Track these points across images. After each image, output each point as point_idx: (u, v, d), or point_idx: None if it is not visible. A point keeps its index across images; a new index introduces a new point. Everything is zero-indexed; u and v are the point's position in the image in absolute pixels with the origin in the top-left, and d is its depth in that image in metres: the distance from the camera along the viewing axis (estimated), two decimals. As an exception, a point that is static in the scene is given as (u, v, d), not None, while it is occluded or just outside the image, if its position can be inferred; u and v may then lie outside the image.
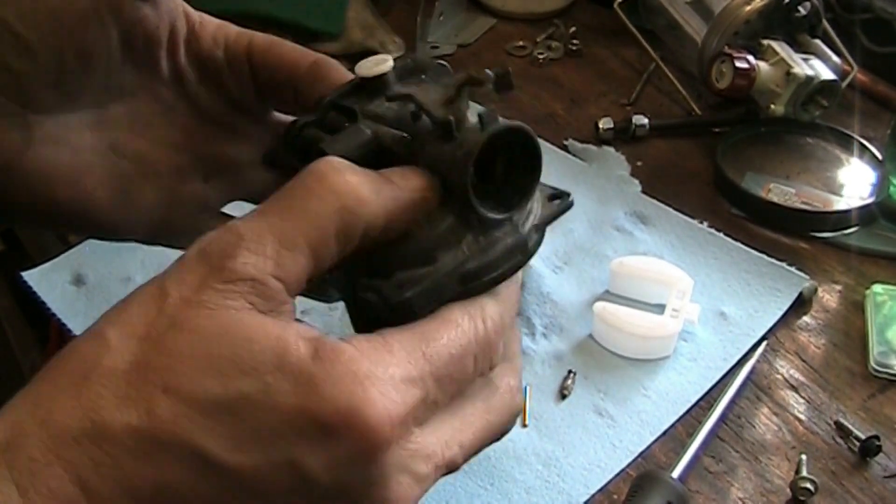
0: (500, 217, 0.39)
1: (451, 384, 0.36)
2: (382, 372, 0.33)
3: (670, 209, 0.83)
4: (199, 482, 0.31)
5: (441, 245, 0.38)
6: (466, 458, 0.38)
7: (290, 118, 0.46)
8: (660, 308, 0.72)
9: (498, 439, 0.41)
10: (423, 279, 0.37)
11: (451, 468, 0.37)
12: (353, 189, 0.35)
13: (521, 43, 1.07)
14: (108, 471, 0.30)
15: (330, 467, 0.32)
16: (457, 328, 0.37)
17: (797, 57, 0.88)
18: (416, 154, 0.39)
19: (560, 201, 0.43)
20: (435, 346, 0.36)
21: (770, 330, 0.73)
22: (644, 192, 0.85)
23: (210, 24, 0.47)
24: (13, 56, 0.41)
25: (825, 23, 0.93)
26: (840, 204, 0.84)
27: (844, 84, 0.90)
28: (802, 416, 0.67)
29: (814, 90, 0.87)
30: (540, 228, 0.41)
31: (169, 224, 0.49)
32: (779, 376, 0.70)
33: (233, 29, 0.48)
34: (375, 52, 0.66)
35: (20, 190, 0.43)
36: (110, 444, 0.30)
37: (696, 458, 0.63)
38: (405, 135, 0.39)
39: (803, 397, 0.68)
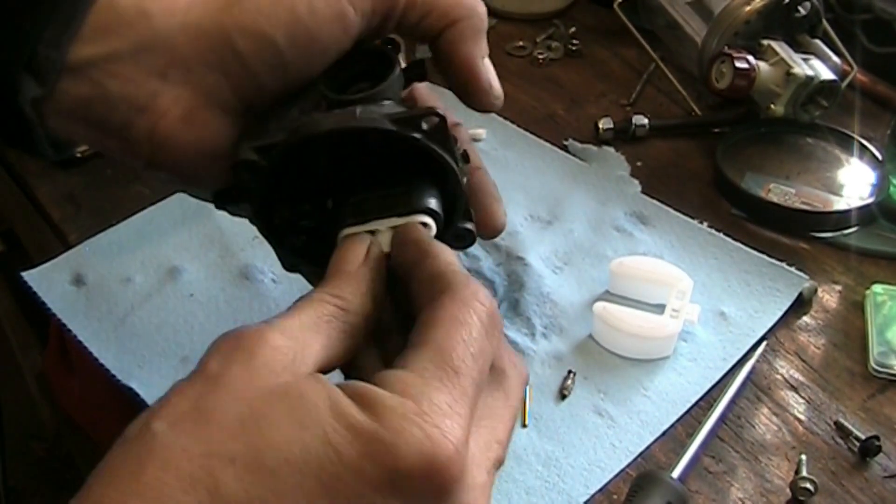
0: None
1: (481, 380, 0.36)
2: (428, 406, 0.33)
3: (670, 209, 0.83)
4: None
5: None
6: (506, 451, 0.39)
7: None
8: (660, 308, 0.72)
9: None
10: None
11: (498, 466, 0.38)
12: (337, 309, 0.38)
13: (520, 43, 1.07)
14: None
15: None
16: (463, 325, 0.37)
17: (797, 57, 0.88)
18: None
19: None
20: (457, 355, 0.36)
21: (770, 330, 0.73)
22: (644, 192, 0.85)
23: None
24: (270, 76, 0.44)
25: (825, 23, 0.93)
26: (840, 204, 0.84)
27: (844, 84, 0.90)
28: (802, 417, 0.67)
29: (814, 90, 0.87)
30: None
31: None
32: (779, 376, 0.70)
33: None
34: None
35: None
36: None
37: (695, 458, 0.63)
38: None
39: (803, 397, 0.68)
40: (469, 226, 0.46)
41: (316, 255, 0.45)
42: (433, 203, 0.43)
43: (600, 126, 0.92)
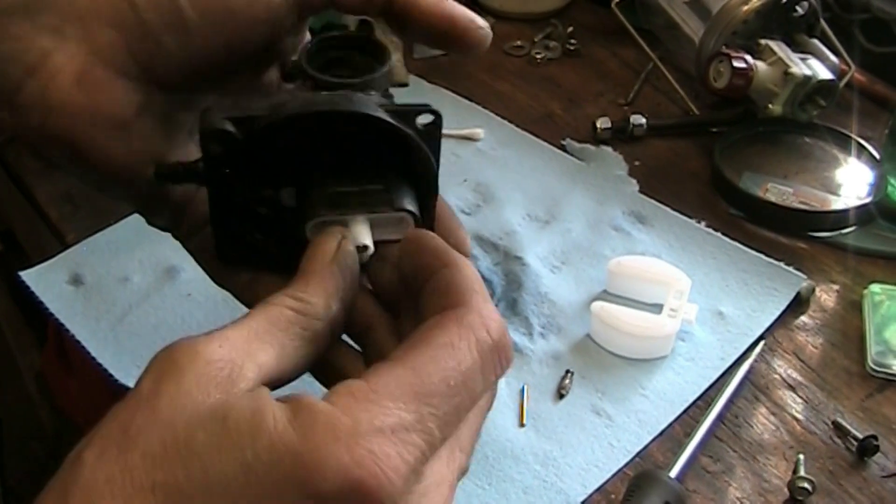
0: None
1: (455, 416, 0.33)
2: (367, 427, 0.30)
3: (668, 209, 0.83)
4: None
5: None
6: (470, 459, 0.36)
7: None
8: (657, 308, 0.72)
9: None
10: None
11: (461, 474, 0.35)
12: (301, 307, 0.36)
13: (518, 43, 1.07)
14: None
15: None
16: (455, 352, 0.33)
17: (795, 57, 0.88)
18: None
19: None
20: (430, 381, 0.32)
21: (768, 329, 0.73)
22: (642, 191, 0.85)
23: None
24: (170, 37, 0.40)
25: (823, 22, 0.93)
26: (838, 204, 0.84)
27: (842, 84, 0.90)
28: (800, 416, 0.67)
29: (811, 90, 0.87)
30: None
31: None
32: (776, 376, 0.70)
33: None
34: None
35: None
36: None
37: (693, 457, 0.63)
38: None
39: (801, 397, 0.68)
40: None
41: (262, 255, 0.42)
42: (412, 205, 0.40)
43: (598, 125, 0.92)
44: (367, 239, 0.39)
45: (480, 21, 0.44)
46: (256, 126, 0.39)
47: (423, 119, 0.40)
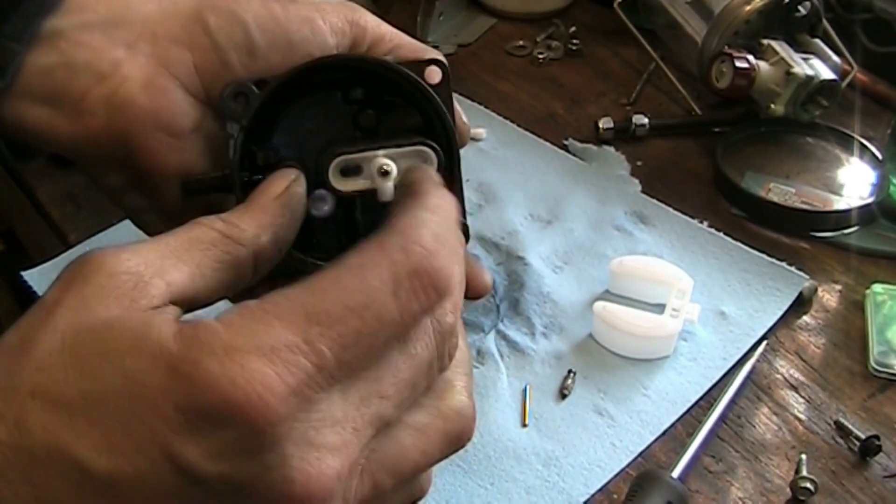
0: None
1: (358, 344, 0.31)
2: (247, 343, 0.29)
3: (670, 209, 0.83)
4: (81, 497, 0.29)
5: None
6: (398, 408, 0.33)
7: None
8: (660, 308, 0.72)
9: (452, 445, 0.36)
10: None
11: (381, 424, 0.32)
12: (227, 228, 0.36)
13: (520, 43, 1.07)
14: None
15: (213, 458, 0.29)
16: (359, 270, 0.32)
17: (797, 57, 0.88)
18: None
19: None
20: (324, 300, 0.31)
21: (770, 330, 0.73)
22: (644, 191, 0.85)
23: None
24: (237, 59, 0.43)
25: (825, 22, 0.93)
26: (840, 204, 0.84)
27: (844, 84, 0.90)
28: (802, 416, 0.67)
29: (814, 90, 0.87)
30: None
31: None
32: (779, 376, 0.70)
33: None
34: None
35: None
36: None
37: (695, 457, 0.63)
38: None
39: (803, 397, 0.68)
40: (463, 220, 0.43)
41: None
42: (431, 141, 0.40)
43: (600, 125, 0.92)
44: (388, 162, 0.39)
45: (468, 128, 0.47)
46: (273, 83, 0.41)
47: (432, 72, 0.42)
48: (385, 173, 0.39)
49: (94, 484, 0.29)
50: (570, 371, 0.69)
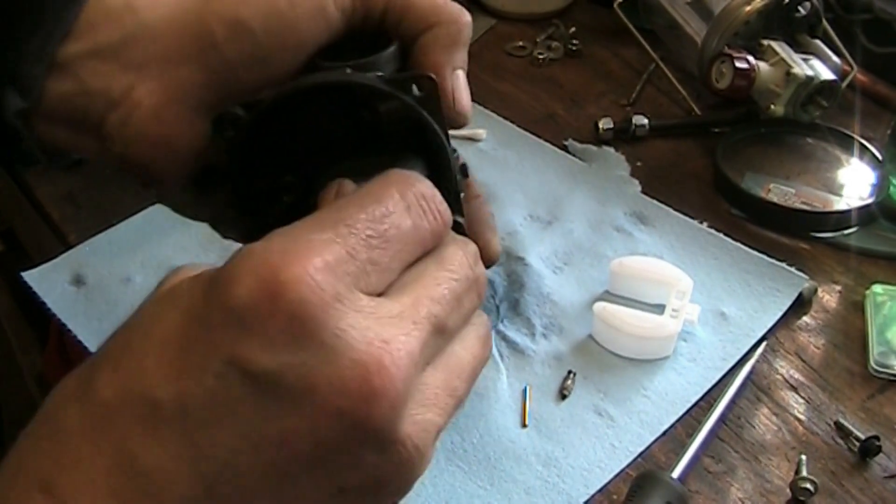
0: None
1: (383, 240, 0.33)
2: (277, 246, 0.31)
3: (670, 209, 0.83)
4: (158, 434, 0.30)
5: None
6: (452, 312, 0.35)
7: None
8: (659, 308, 0.72)
9: (481, 358, 0.39)
10: None
11: (438, 326, 0.34)
12: None
13: (520, 43, 1.07)
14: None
15: (272, 349, 0.30)
16: (376, 189, 0.35)
17: (797, 57, 0.88)
18: None
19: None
20: (345, 207, 0.34)
21: (770, 330, 0.73)
22: (644, 192, 0.85)
23: None
24: (244, 64, 0.44)
25: (825, 23, 0.93)
26: (840, 204, 0.84)
27: (844, 84, 0.90)
28: (802, 417, 0.67)
29: (813, 90, 0.87)
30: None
31: None
32: (779, 376, 0.70)
33: None
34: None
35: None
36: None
37: (695, 458, 0.63)
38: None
39: (803, 397, 0.68)
40: (459, 219, 0.43)
41: None
42: (420, 169, 0.41)
43: (600, 126, 0.92)
44: None
45: (463, 106, 0.47)
46: (261, 106, 0.41)
47: (420, 86, 0.41)
48: None
49: (167, 416, 0.30)
50: (569, 372, 0.69)
